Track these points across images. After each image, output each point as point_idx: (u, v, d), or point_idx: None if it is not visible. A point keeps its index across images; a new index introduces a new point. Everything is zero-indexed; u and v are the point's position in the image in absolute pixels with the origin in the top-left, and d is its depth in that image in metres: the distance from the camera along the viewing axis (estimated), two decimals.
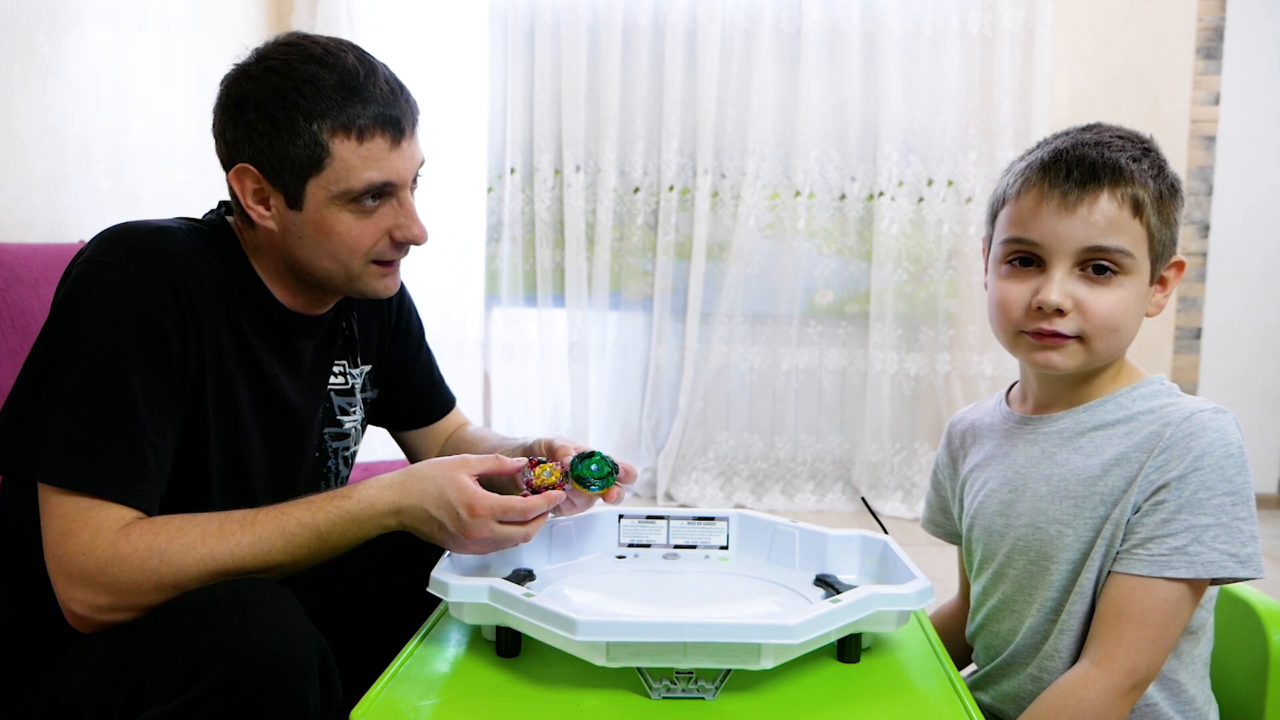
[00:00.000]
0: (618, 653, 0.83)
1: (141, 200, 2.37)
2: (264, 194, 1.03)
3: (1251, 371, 3.48)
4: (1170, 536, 0.91)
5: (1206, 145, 3.38)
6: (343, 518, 0.97)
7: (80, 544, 0.90)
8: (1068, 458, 1.00)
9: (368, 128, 1.00)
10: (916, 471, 3.42)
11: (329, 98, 0.99)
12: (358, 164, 1.00)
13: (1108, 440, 0.98)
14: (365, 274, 1.07)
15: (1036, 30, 3.22)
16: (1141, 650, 0.91)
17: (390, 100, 1.02)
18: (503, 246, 3.41)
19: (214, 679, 0.81)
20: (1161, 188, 0.95)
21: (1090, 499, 0.97)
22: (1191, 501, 0.91)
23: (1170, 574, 0.90)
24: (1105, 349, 0.96)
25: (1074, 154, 0.94)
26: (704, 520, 1.18)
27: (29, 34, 1.94)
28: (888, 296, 3.37)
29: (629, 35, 3.34)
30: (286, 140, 1.00)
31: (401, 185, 1.05)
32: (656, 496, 3.43)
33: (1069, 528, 0.98)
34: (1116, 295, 0.94)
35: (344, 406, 1.21)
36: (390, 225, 1.06)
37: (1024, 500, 1.02)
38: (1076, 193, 0.93)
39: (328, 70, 1.00)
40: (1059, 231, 0.94)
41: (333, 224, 1.03)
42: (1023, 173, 0.98)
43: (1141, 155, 0.95)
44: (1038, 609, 1.00)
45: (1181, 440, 0.92)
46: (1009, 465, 1.05)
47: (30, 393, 0.94)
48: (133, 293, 0.95)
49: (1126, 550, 0.93)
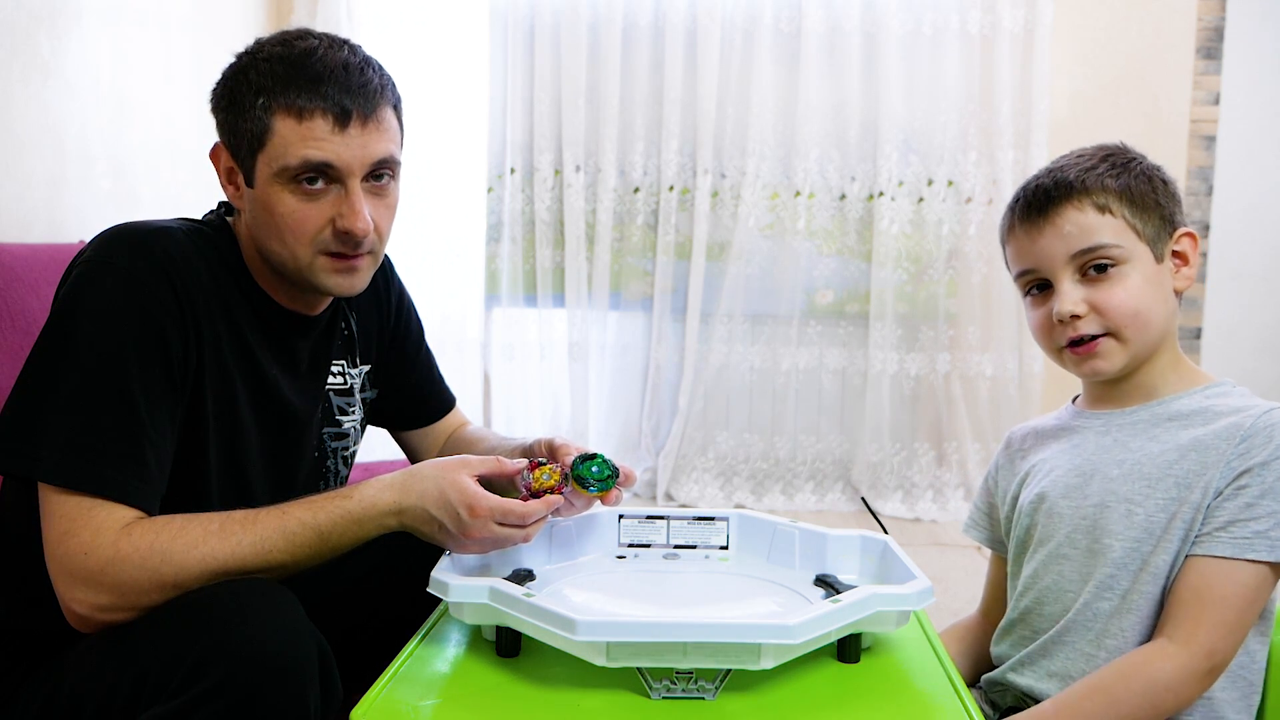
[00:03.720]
0: (618, 653, 0.83)
1: (141, 200, 2.37)
2: (234, 173, 1.06)
3: (1251, 371, 3.48)
4: (1253, 520, 0.94)
5: (1206, 145, 3.38)
6: (344, 517, 0.97)
7: (81, 543, 0.90)
8: (1141, 445, 1.04)
9: (307, 108, 0.99)
10: (916, 471, 3.42)
11: (277, 75, 1.00)
12: (295, 141, 1.00)
13: (1184, 429, 1.02)
14: (315, 265, 1.05)
15: (1036, 30, 3.22)
16: (1221, 633, 0.94)
17: (342, 85, 1.00)
18: (503, 246, 3.41)
19: (214, 679, 0.81)
20: (1127, 181, 1.02)
21: (1164, 480, 1.00)
22: (1275, 488, 0.94)
23: (1253, 556, 0.94)
24: (1137, 337, 1.02)
25: (1030, 188, 1.06)
26: (704, 520, 1.18)
27: (29, 34, 1.94)
28: (888, 296, 3.37)
29: (629, 35, 3.34)
30: (238, 115, 1.02)
31: (346, 172, 1.02)
32: (656, 496, 3.43)
33: (1140, 507, 1.00)
34: (1123, 285, 1.01)
35: (343, 406, 1.21)
36: (334, 214, 1.03)
37: (1094, 483, 1.05)
38: (1040, 217, 1.04)
39: (287, 50, 1.01)
40: (1043, 252, 1.04)
41: (275, 203, 1.02)
42: (1004, 219, 1.11)
43: (1098, 163, 1.03)
44: (1095, 586, 1.02)
45: (1263, 430, 0.96)
46: (1079, 453, 1.08)
47: (30, 393, 0.94)
48: (132, 293, 0.95)
49: (1207, 533, 0.96)
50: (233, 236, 1.09)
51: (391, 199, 1.09)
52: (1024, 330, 3.32)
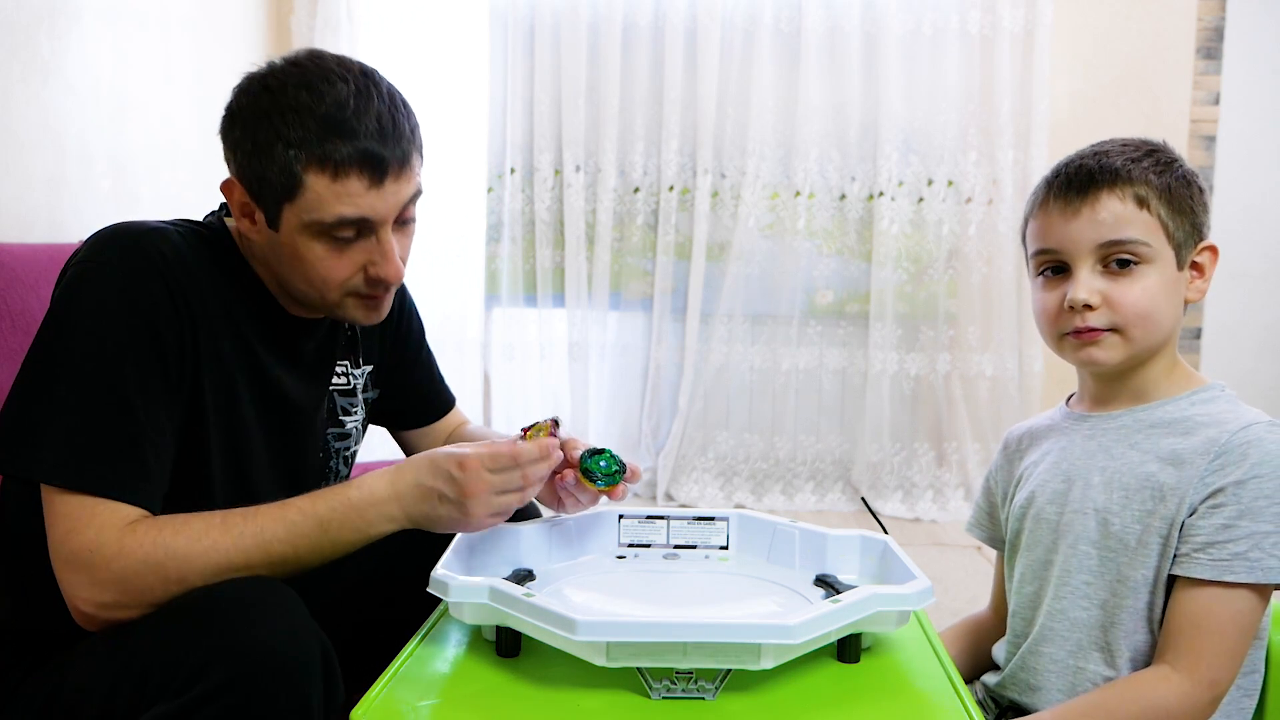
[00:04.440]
0: (618, 653, 0.83)
1: (141, 200, 2.37)
2: (250, 208, 1.03)
3: (1251, 371, 3.48)
4: (1231, 542, 0.93)
5: (1206, 145, 3.38)
6: (343, 504, 0.98)
7: (86, 541, 0.90)
8: (1123, 452, 1.03)
9: (344, 165, 0.96)
10: (916, 471, 3.42)
11: (309, 129, 0.96)
12: (330, 199, 0.97)
13: (1164, 438, 1.01)
14: (344, 304, 1.06)
15: (1036, 30, 3.22)
16: (1222, 662, 0.94)
17: (377, 139, 0.97)
18: (503, 246, 3.41)
19: (217, 678, 0.81)
20: (1168, 181, 1.00)
21: (1141, 492, 0.99)
22: (1252, 509, 0.93)
23: (1231, 578, 0.93)
24: (1143, 337, 1.01)
25: (1073, 165, 1.03)
26: (704, 520, 1.18)
27: (29, 34, 1.94)
28: (888, 296, 3.37)
29: (629, 35, 3.34)
30: (264, 163, 0.98)
31: (380, 223, 1.01)
32: (656, 496, 3.43)
33: (1116, 518, 1.00)
34: (1141, 284, 1.00)
35: (346, 407, 1.22)
36: (365, 261, 1.03)
37: (1076, 489, 1.05)
38: (1078, 198, 1.01)
39: (317, 99, 0.96)
40: (1071, 235, 1.01)
41: (305, 252, 1.01)
42: (1035, 193, 1.07)
43: (1143, 156, 1.01)
44: (1071, 593, 1.03)
45: (1238, 447, 0.95)
46: (1065, 457, 1.08)
47: (27, 394, 0.94)
48: (126, 292, 0.95)
49: (1187, 554, 0.95)
50: (232, 239, 1.09)
51: (412, 228, 1.10)
52: (1024, 330, 3.32)
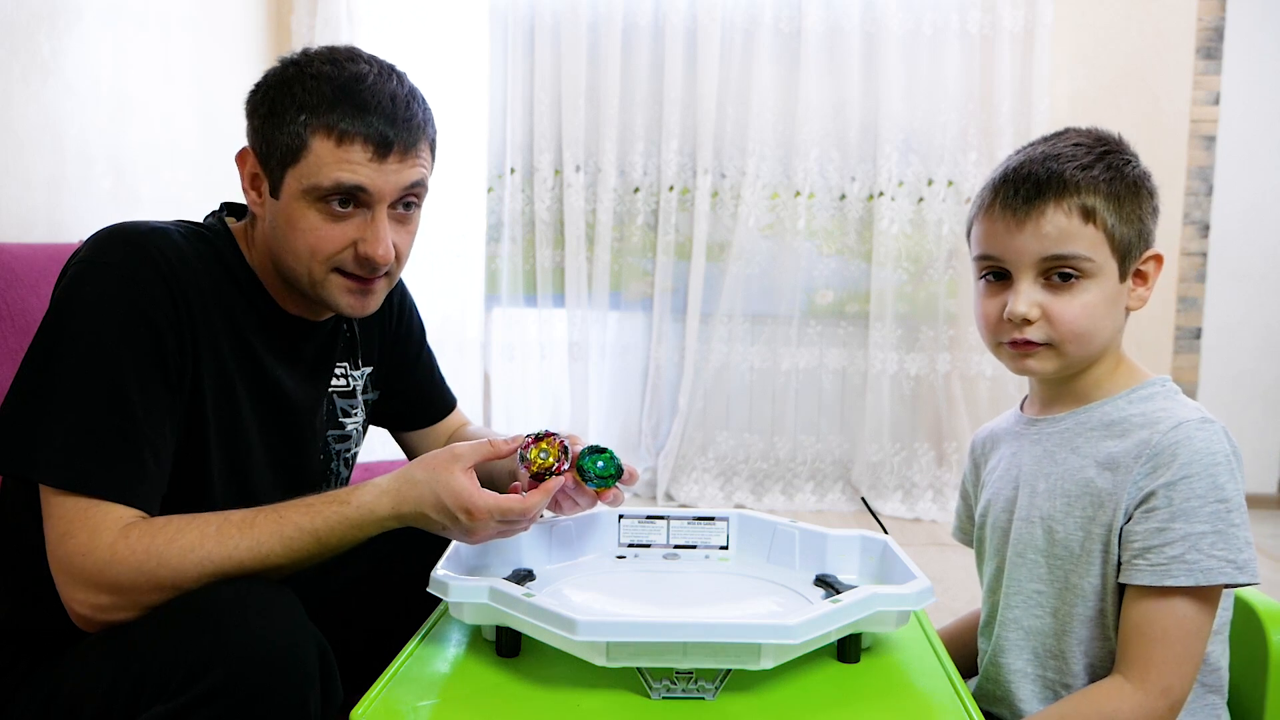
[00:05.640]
0: (618, 653, 0.83)
1: (141, 200, 2.37)
2: (258, 179, 1.05)
3: (1251, 371, 3.48)
4: (1167, 545, 0.92)
5: (1206, 145, 3.38)
6: (342, 523, 0.96)
7: (79, 544, 0.90)
8: (1065, 458, 1.02)
9: (349, 133, 0.99)
10: (916, 471, 3.43)
11: (323, 95, 0.99)
12: (331, 163, 0.99)
13: (1102, 442, 1.00)
14: (327, 283, 1.05)
15: (1036, 30, 3.22)
16: (1172, 669, 0.92)
17: (386, 116, 1.00)
18: (503, 246, 3.41)
19: (215, 679, 0.81)
20: (1118, 189, 0.97)
21: (1081, 499, 0.99)
22: (1184, 510, 0.92)
23: (1171, 582, 0.91)
24: (1076, 352, 0.99)
25: (1020, 171, 0.99)
26: (704, 520, 1.18)
27: (29, 34, 1.94)
28: (888, 296, 3.37)
29: (629, 35, 3.34)
30: (276, 126, 1.01)
31: (378, 199, 1.02)
32: (656, 496, 3.43)
33: (1060, 525, 1.00)
34: (1082, 300, 0.97)
35: (346, 408, 1.21)
36: (357, 237, 1.03)
37: (1023, 497, 1.05)
38: (1024, 209, 0.97)
39: (338, 71, 1.01)
40: (1015, 246, 0.98)
41: (298, 219, 1.02)
42: (981, 194, 1.03)
43: (1094, 161, 0.98)
44: (1024, 600, 1.03)
45: (1168, 448, 0.93)
46: (1015, 464, 1.08)
47: (27, 394, 0.94)
48: (126, 292, 0.95)
49: (1128, 561, 0.95)
50: (233, 240, 1.09)
51: (414, 225, 1.10)
52: None
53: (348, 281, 1.05)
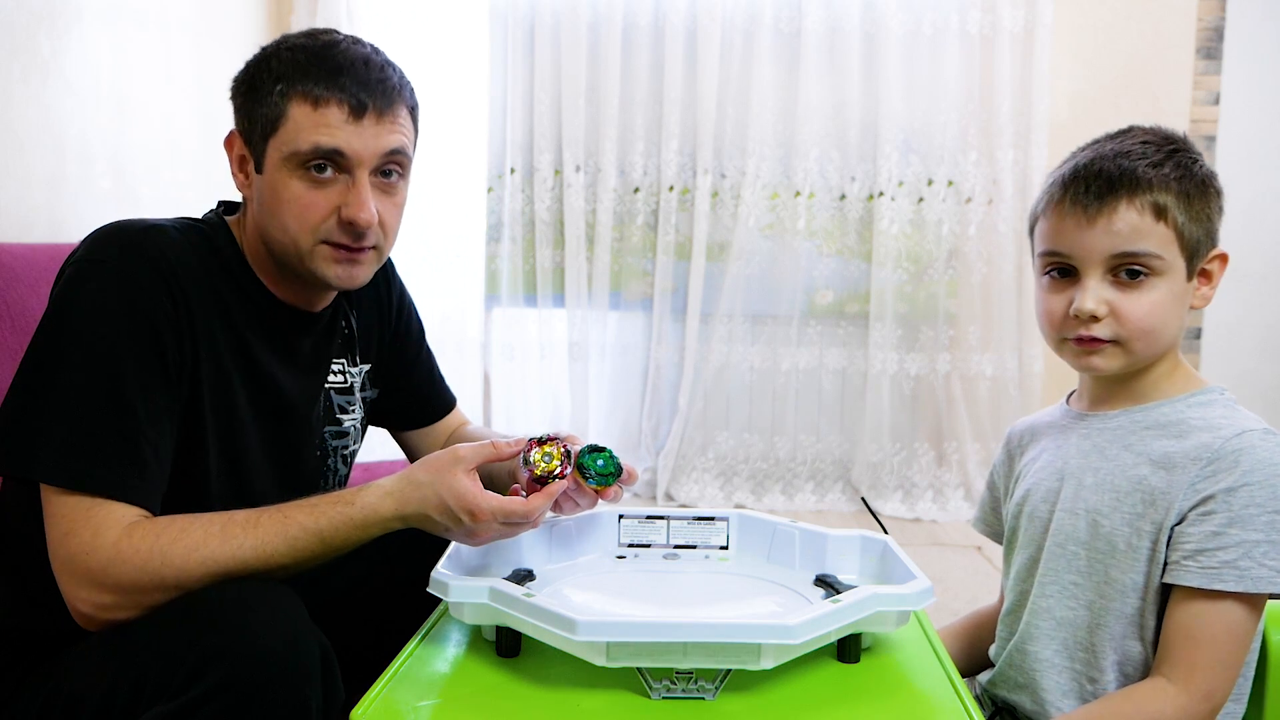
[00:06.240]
0: (618, 653, 0.83)
1: (141, 200, 2.37)
2: (245, 160, 1.06)
3: (1251, 371, 3.48)
4: (1221, 550, 0.92)
5: (1206, 145, 3.38)
6: (346, 523, 0.96)
7: (82, 544, 0.90)
8: (1117, 454, 1.02)
9: (324, 96, 1.01)
10: (916, 471, 3.42)
11: (298, 62, 1.02)
12: (309, 127, 1.01)
13: (1157, 440, 1.00)
14: (315, 254, 1.05)
15: (1036, 30, 3.22)
16: (1217, 673, 0.93)
17: (361, 79, 1.02)
18: (503, 246, 3.41)
19: (216, 679, 0.81)
20: (1187, 187, 0.97)
21: (1132, 495, 0.99)
22: (1241, 516, 0.92)
23: (1220, 586, 0.91)
24: (1143, 350, 0.99)
25: (1092, 168, 0.98)
26: (704, 520, 1.18)
27: (29, 34, 1.94)
28: (888, 296, 3.37)
29: (629, 35, 3.34)
30: (256, 101, 1.03)
31: (356, 162, 1.03)
32: (656, 496, 3.43)
33: (1106, 519, 1.00)
34: (1150, 297, 0.97)
35: (343, 405, 1.21)
36: (340, 202, 1.03)
37: (1069, 488, 1.04)
38: (1096, 205, 0.97)
39: (312, 40, 1.04)
40: (1085, 243, 0.98)
41: (282, 189, 1.03)
42: (1049, 189, 1.03)
43: (1164, 159, 0.98)
44: (1059, 591, 1.03)
45: (1230, 454, 0.93)
46: (1061, 456, 1.08)
47: (26, 393, 0.94)
48: (125, 290, 0.95)
49: (1177, 561, 0.95)
50: (230, 235, 1.09)
51: (400, 198, 1.09)
52: (1024, 330, 3.32)
53: (335, 252, 1.05)
